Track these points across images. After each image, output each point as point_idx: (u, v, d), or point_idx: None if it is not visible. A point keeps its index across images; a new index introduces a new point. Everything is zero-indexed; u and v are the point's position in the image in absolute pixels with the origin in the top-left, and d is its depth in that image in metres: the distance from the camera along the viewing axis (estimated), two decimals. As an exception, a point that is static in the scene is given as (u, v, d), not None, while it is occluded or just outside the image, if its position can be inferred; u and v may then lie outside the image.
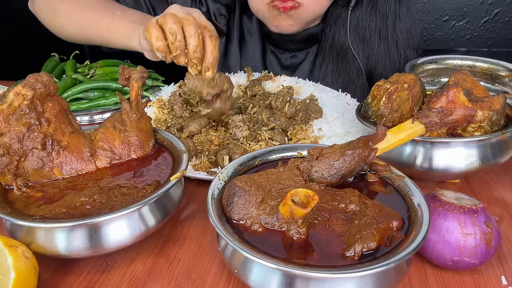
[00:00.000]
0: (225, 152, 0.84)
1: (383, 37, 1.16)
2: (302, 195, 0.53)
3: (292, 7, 1.04)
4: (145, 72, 0.76)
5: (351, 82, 1.20)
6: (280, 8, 1.04)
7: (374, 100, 0.84)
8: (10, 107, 0.64)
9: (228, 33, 1.27)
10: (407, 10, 1.15)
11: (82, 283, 0.62)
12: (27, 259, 0.56)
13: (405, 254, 0.49)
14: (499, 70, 1.07)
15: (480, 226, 0.59)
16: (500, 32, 1.97)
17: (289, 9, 1.04)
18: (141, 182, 0.67)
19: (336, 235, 0.54)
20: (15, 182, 0.64)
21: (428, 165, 0.76)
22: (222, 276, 0.63)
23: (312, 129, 0.95)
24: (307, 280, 0.50)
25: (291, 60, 1.27)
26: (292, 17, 1.08)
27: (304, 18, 1.10)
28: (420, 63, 1.13)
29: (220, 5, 1.24)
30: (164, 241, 0.70)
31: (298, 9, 1.05)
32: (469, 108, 0.66)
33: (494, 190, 0.83)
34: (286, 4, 1.03)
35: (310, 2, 1.05)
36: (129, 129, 0.73)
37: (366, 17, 1.14)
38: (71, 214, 0.59)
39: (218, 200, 0.60)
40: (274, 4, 1.05)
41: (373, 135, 0.65)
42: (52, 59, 1.30)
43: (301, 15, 1.08)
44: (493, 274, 0.62)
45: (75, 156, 0.69)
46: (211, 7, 1.23)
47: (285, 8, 1.04)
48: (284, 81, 1.11)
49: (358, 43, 1.17)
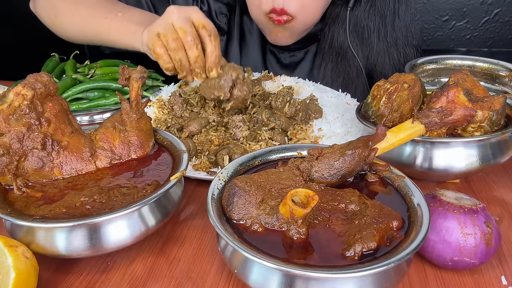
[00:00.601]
0: (225, 152, 0.84)
1: (382, 36, 1.16)
2: (302, 195, 0.53)
3: (286, 21, 1.07)
4: (145, 72, 0.76)
5: (351, 81, 1.21)
6: (275, 21, 1.07)
7: (374, 100, 0.84)
8: (10, 107, 0.64)
9: (229, 32, 1.27)
10: (406, 8, 1.15)
11: (82, 283, 0.62)
12: (27, 259, 0.56)
13: (405, 254, 0.49)
14: (499, 70, 1.07)
15: (480, 226, 0.59)
16: (500, 32, 1.97)
17: (283, 22, 1.07)
18: (141, 182, 0.67)
19: (336, 235, 0.54)
20: (15, 182, 0.64)
21: (428, 165, 0.76)
22: (222, 276, 0.63)
23: (312, 129, 0.95)
24: (307, 280, 0.50)
25: (290, 59, 1.27)
26: (287, 29, 1.11)
27: (298, 29, 1.12)
28: (420, 63, 1.12)
29: (221, 4, 1.24)
30: (164, 241, 0.70)
31: (292, 22, 1.08)
32: (469, 108, 0.66)
33: (494, 190, 0.83)
34: (281, 18, 1.06)
35: (302, 14, 1.07)
36: (129, 129, 0.73)
37: (365, 17, 1.15)
38: (71, 214, 0.59)
39: (218, 200, 0.60)
40: (270, 16, 1.07)
41: (373, 135, 0.66)
42: (52, 59, 1.30)
43: (295, 27, 1.11)
44: (493, 274, 0.62)
45: (75, 156, 0.69)
46: (213, 6, 1.23)
47: (279, 21, 1.07)
48: (284, 81, 1.11)
49: (357, 43, 1.17)
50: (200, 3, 1.23)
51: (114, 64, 1.24)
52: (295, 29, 1.11)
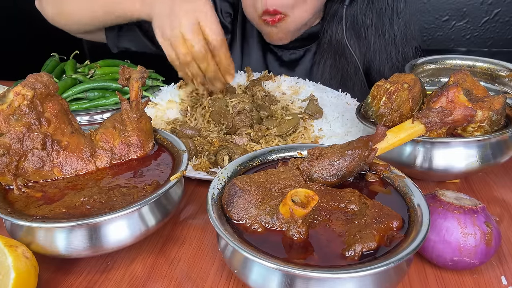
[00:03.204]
0: (225, 152, 0.84)
1: (380, 33, 1.17)
2: (302, 195, 0.53)
3: (280, 19, 1.08)
4: (145, 72, 0.76)
5: (349, 78, 1.21)
6: (269, 22, 1.09)
7: (374, 100, 0.84)
8: (10, 107, 0.64)
9: (232, 31, 1.28)
10: (405, 6, 1.16)
11: (82, 283, 0.62)
12: (27, 259, 0.56)
13: (405, 254, 0.49)
14: (499, 70, 1.07)
15: (480, 226, 0.59)
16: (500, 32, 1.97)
17: (277, 21, 1.08)
18: (141, 182, 0.67)
19: (336, 235, 0.54)
20: (15, 182, 0.64)
21: (428, 165, 0.76)
22: (222, 276, 0.63)
23: (312, 129, 0.95)
24: (307, 280, 0.50)
25: (290, 57, 1.28)
26: (280, 29, 1.12)
27: (291, 28, 1.13)
28: (420, 63, 1.12)
29: (227, 3, 1.25)
30: (164, 241, 0.70)
31: (284, 20, 1.09)
32: (469, 108, 0.66)
33: (494, 190, 0.83)
34: (274, 18, 1.08)
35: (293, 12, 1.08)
36: (129, 129, 0.73)
37: (362, 14, 1.15)
38: (71, 214, 0.59)
39: (218, 200, 0.60)
40: (264, 18, 1.09)
41: (373, 135, 0.65)
42: (52, 59, 1.30)
43: (288, 26, 1.11)
44: (493, 274, 0.62)
45: (75, 156, 0.69)
46: (219, 4, 1.24)
47: (273, 21, 1.09)
48: (284, 81, 1.11)
49: (354, 40, 1.17)
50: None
51: (114, 64, 1.24)
52: (288, 28, 1.12)
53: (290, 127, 0.93)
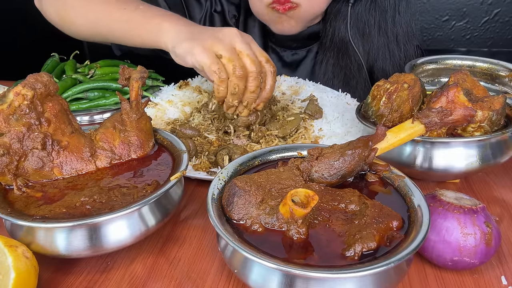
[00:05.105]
0: (225, 152, 0.84)
1: (383, 31, 1.17)
2: (302, 195, 0.53)
3: (290, 8, 1.06)
4: (145, 72, 0.76)
5: (352, 76, 1.21)
6: (279, 10, 1.06)
7: (374, 100, 0.84)
8: (10, 107, 0.64)
9: None
10: (406, 4, 1.16)
11: (82, 283, 0.62)
12: (27, 259, 0.56)
13: (405, 254, 0.49)
14: (499, 70, 1.07)
15: (480, 226, 0.59)
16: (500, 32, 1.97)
17: (288, 9, 1.06)
18: (141, 182, 0.67)
19: (336, 235, 0.54)
20: (15, 182, 0.64)
21: (428, 165, 0.76)
22: (222, 276, 0.63)
23: (312, 129, 0.95)
24: (307, 280, 0.50)
25: (292, 57, 1.27)
26: (292, 17, 1.10)
27: (303, 17, 1.12)
28: (420, 63, 1.13)
29: (232, 5, 1.25)
30: (164, 241, 0.70)
31: (296, 9, 1.07)
32: (469, 108, 0.66)
33: (494, 190, 0.83)
34: (285, 6, 1.05)
35: (307, 2, 1.07)
36: (129, 129, 0.73)
37: (366, 12, 1.15)
38: (71, 214, 0.59)
39: (218, 200, 0.60)
40: (273, 6, 1.07)
41: (373, 135, 0.65)
42: (52, 59, 1.30)
43: (301, 15, 1.10)
44: (493, 274, 0.62)
45: (75, 156, 0.69)
46: (226, 7, 1.24)
47: (284, 9, 1.06)
48: (284, 81, 1.11)
49: (358, 38, 1.17)
50: (214, 5, 1.23)
51: (114, 64, 1.24)
52: (300, 17, 1.11)
53: (293, 128, 0.93)
